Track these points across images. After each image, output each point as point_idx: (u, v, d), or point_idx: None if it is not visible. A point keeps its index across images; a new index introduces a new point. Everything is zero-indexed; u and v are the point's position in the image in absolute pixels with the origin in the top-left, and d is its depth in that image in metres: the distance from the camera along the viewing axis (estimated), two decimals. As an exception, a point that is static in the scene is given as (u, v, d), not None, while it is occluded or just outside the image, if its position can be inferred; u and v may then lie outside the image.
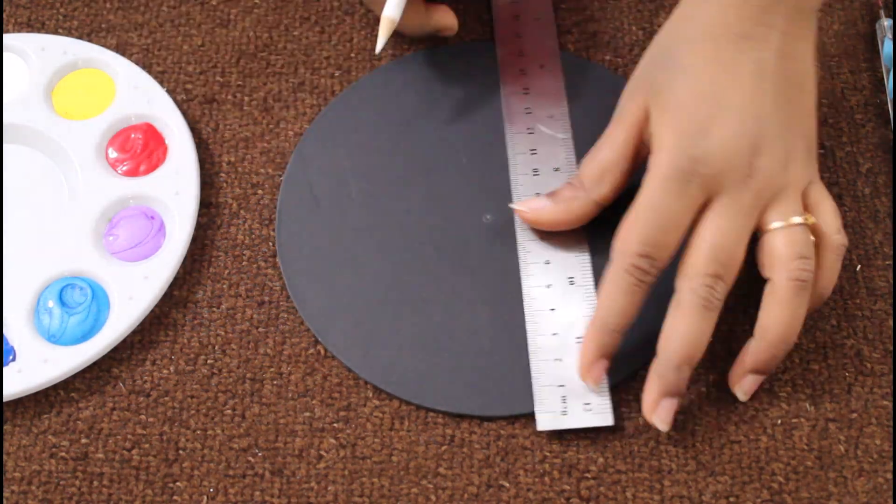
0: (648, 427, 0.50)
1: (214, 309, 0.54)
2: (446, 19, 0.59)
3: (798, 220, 0.49)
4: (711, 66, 0.49)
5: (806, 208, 0.50)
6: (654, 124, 0.50)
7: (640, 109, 0.51)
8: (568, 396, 0.50)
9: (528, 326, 0.52)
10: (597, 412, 0.50)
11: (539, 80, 0.58)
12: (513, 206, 0.54)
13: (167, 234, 0.55)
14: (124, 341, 0.53)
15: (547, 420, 0.50)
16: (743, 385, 0.50)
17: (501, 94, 0.58)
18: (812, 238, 0.49)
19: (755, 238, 0.49)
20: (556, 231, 0.54)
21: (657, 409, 0.49)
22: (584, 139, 0.56)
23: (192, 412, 0.51)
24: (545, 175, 0.56)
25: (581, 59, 0.60)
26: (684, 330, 0.48)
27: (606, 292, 0.49)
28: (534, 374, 0.51)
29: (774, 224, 0.49)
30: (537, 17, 0.61)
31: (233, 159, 0.58)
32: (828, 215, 0.50)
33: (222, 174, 0.57)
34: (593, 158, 0.52)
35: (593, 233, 0.54)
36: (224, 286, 0.54)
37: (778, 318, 0.48)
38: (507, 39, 0.60)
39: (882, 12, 0.60)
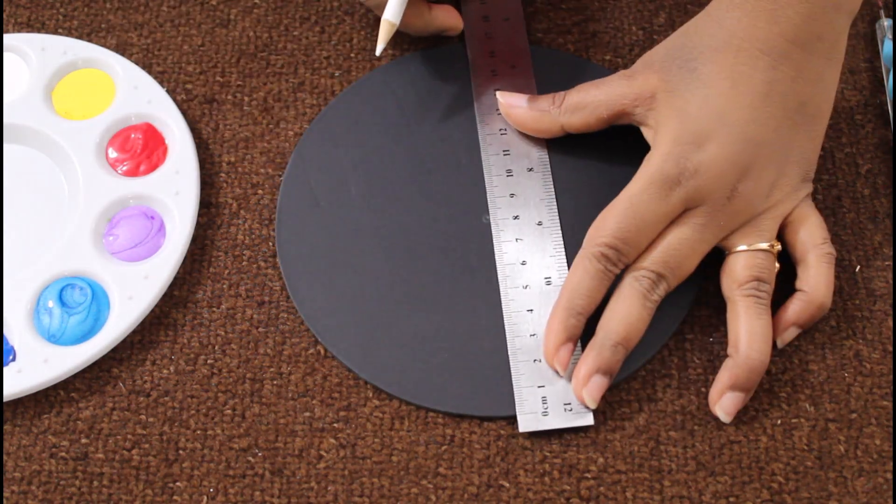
0: (648, 427, 0.50)
1: (214, 309, 0.54)
2: (450, 20, 0.59)
3: (763, 245, 0.51)
4: (725, 80, 0.50)
5: (789, 224, 0.52)
6: (657, 118, 0.51)
7: (649, 87, 0.52)
8: (548, 397, 0.50)
9: (507, 328, 0.52)
10: (577, 412, 0.50)
11: (511, 81, 0.58)
12: (498, 93, 0.57)
13: (167, 234, 0.55)
14: (124, 341, 0.53)
15: (528, 421, 0.50)
16: (723, 404, 0.50)
17: (473, 95, 0.58)
18: (777, 265, 0.51)
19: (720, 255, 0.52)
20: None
21: (588, 385, 0.50)
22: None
23: (192, 412, 0.51)
24: (518, 176, 0.56)
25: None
26: (624, 313, 0.50)
27: (573, 274, 0.51)
28: (514, 375, 0.51)
29: (740, 247, 0.51)
30: (506, 17, 0.61)
31: (233, 159, 0.58)
32: (814, 227, 0.52)
33: (222, 174, 0.57)
34: (584, 90, 0.54)
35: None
36: (224, 286, 0.54)
37: (744, 329, 0.50)
38: (477, 40, 0.60)
39: (882, 12, 0.60)
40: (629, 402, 0.51)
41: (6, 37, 0.60)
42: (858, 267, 0.54)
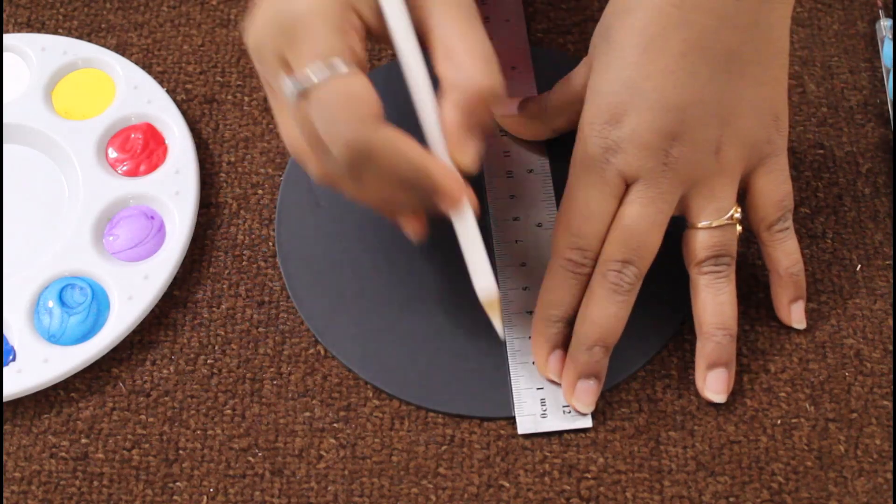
0: (649, 427, 0.50)
1: (214, 309, 0.54)
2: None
3: (721, 221, 0.49)
4: (636, 47, 0.47)
5: (747, 193, 0.50)
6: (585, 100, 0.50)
7: (590, 67, 0.50)
8: (547, 399, 0.50)
9: (507, 330, 0.52)
10: (576, 415, 0.50)
11: (511, 82, 0.58)
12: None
13: (167, 234, 0.55)
14: (124, 341, 0.53)
15: (527, 423, 0.50)
16: (710, 386, 0.50)
17: None
18: (739, 229, 0.49)
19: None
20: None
21: (575, 392, 0.49)
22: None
23: (192, 412, 0.51)
24: (519, 178, 0.56)
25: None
26: (595, 313, 0.49)
27: (545, 285, 0.50)
28: (513, 377, 0.51)
29: (701, 223, 0.49)
30: (507, 18, 0.60)
31: (233, 159, 0.58)
32: (768, 206, 0.50)
33: (222, 174, 0.57)
34: (557, 89, 0.53)
35: None
36: (224, 286, 0.54)
37: (704, 307, 0.49)
38: None
39: (882, 12, 0.60)
40: (629, 402, 0.51)
41: (6, 37, 0.60)
42: (859, 266, 0.54)
